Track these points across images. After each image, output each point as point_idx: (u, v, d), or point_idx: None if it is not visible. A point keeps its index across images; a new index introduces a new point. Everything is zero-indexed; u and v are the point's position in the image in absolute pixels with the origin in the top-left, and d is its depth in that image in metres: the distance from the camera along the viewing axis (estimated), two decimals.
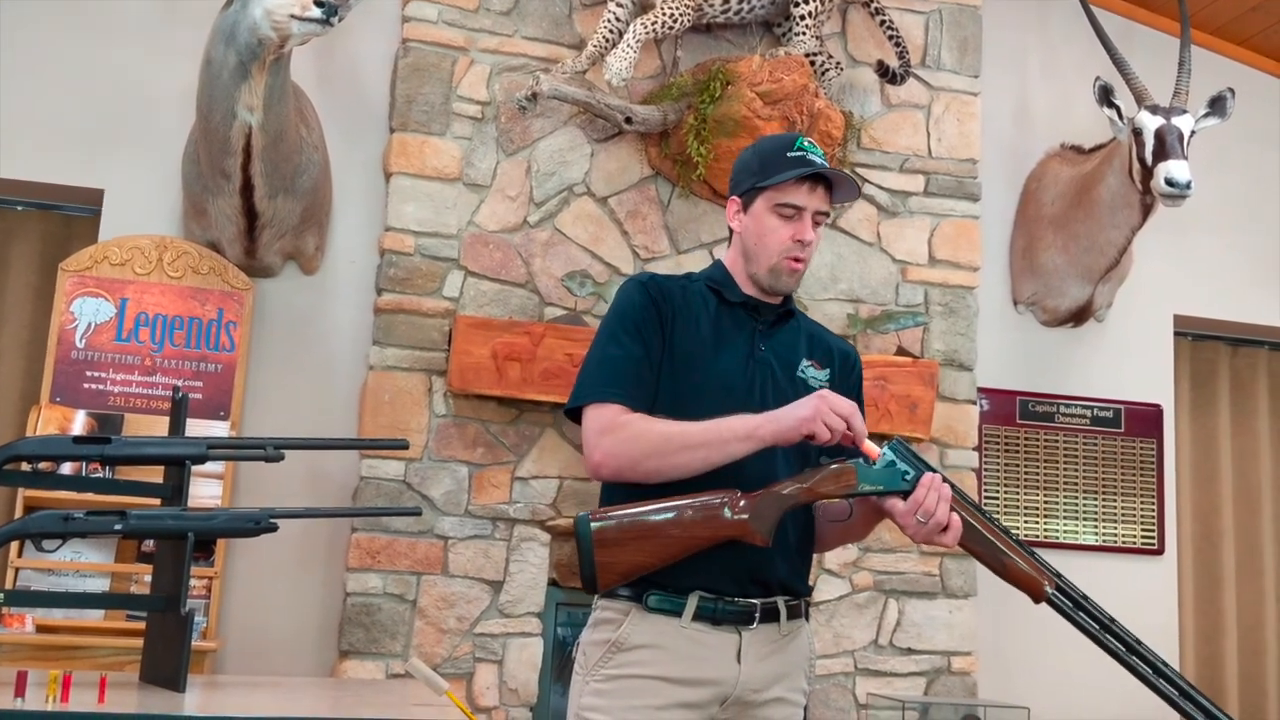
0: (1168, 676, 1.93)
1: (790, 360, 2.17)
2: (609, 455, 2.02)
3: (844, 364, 2.25)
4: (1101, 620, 1.97)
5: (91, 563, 3.72)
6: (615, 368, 2.08)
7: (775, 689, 2.08)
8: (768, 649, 2.07)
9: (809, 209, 2.12)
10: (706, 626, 2.02)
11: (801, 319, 2.27)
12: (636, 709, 1.99)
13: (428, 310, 4.08)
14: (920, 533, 1.98)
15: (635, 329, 2.09)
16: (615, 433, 2.02)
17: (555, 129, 4.27)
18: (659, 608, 2.02)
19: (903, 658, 4.31)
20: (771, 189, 2.12)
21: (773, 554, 2.05)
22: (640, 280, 2.17)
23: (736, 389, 2.10)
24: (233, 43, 3.52)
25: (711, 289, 2.18)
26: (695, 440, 1.98)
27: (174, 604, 2.36)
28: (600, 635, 2.06)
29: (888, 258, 4.53)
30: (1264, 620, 5.25)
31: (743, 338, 2.15)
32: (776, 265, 2.14)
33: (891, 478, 2.00)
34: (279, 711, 2.30)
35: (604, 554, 1.98)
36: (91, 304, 3.89)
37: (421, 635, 3.91)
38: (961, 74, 4.72)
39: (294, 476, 3.93)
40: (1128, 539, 4.92)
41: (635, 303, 2.12)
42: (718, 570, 2.02)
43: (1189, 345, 5.37)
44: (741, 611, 2.04)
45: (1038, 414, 4.89)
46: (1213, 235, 5.20)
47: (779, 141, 2.20)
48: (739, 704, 2.04)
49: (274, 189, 3.83)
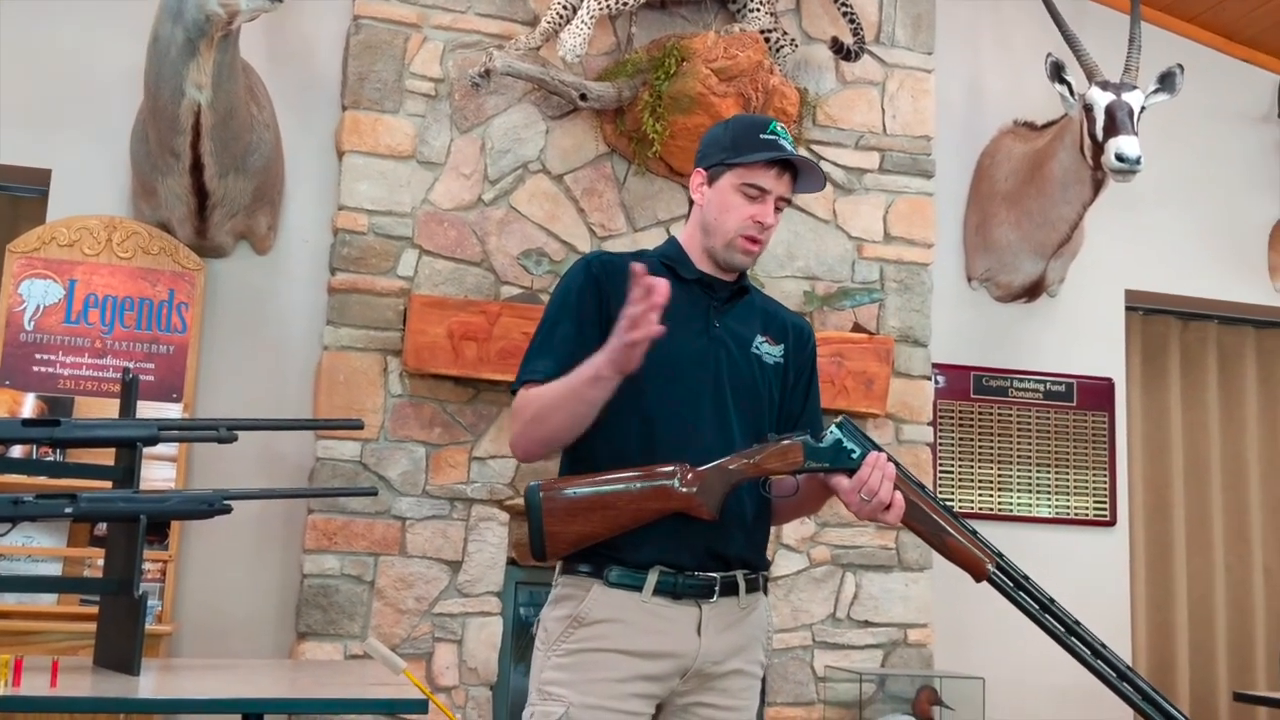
0: (1105, 658, 1.96)
1: (745, 337, 2.18)
2: (518, 437, 2.08)
3: (798, 339, 2.26)
4: (1041, 600, 2.00)
5: (43, 547, 3.68)
6: (542, 347, 2.11)
7: (734, 661, 2.10)
8: (727, 622, 2.09)
9: (773, 193, 2.14)
10: (667, 601, 2.04)
11: (756, 295, 2.28)
12: (598, 682, 2.00)
13: (382, 289, 4.05)
14: (864, 510, 2.02)
15: (572, 309, 2.11)
16: (519, 414, 2.07)
17: (509, 106, 4.25)
18: (620, 583, 2.03)
19: (860, 630, 4.35)
20: (741, 167, 2.13)
21: (731, 529, 2.08)
22: (587, 259, 2.17)
23: (690, 366, 2.11)
24: (180, 19, 3.46)
25: (666, 265, 2.17)
26: (559, 396, 2.00)
27: (127, 587, 2.34)
28: (561, 610, 2.07)
29: (843, 235, 4.55)
30: (1213, 590, 5.34)
31: (697, 315, 2.15)
32: (733, 241, 2.15)
33: (837, 455, 2.04)
34: (235, 694, 2.29)
35: (553, 523, 1.99)
36: (40, 285, 3.83)
37: (380, 616, 3.90)
38: (915, 51, 4.73)
39: (248, 458, 3.91)
40: (1080, 511, 4.98)
41: (576, 282, 2.14)
42: (677, 545, 2.04)
43: (1140, 320, 5.43)
44: (701, 585, 2.06)
45: (991, 389, 4.94)
46: (1163, 210, 5.26)
47: (753, 122, 2.20)
48: (699, 676, 2.06)
49: (224, 168, 3.79)
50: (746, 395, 2.15)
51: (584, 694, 1.99)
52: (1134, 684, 1.94)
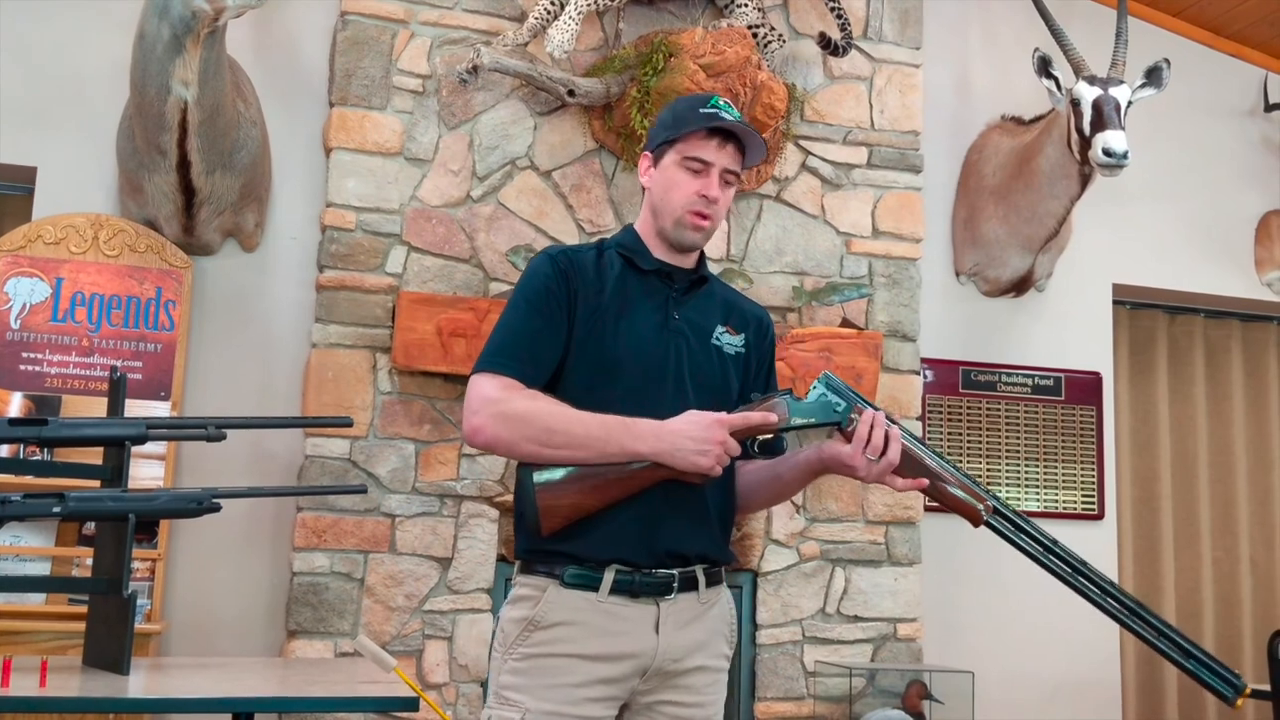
0: (1114, 596, 1.91)
1: (705, 328, 2.15)
2: (486, 425, 1.97)
3: (758, 329, 2.24)
4: (1043, 542, 1.95)
5: (31, 546, 3.67)
6: (513, 339, 2.05)
7: (696, 657, 2.06)
8: (686, 618, 2.05)
9: (717, 165, 2.10)
10: (624, 599, 2.00)
11: (715, 284, 2.25)
12: (555, 688, 1.96)
13: (370, 286, 4.04)
14: (872, 472, 1.97)
15: (540, 303, 2.06)
16: (500, 405, 1.98)
17: (497, 102, 4.24)
18: (576, 582, 1.99)
19: (850, 625, 4.36)
20: (680, 142, 2.10)
21: (692, 525, 2.04)
22: (550, 254, 2.13)
23: (651, 359, 2.07)
24: (166, 16, 3.45)
25: (623, 256, 2.15)
26: (578, 440, 1.95)
27: (116, 586, 2.34)
28: (518, 612, 2.03)
29: (832, 230, 4.55)
30: (1201, 583, 5.36)
31: (656, 306, 2.12)
32: (681, 219, 2.11)
33: (824, 409, 2.00)
34: (225, 693, 2.29)
35: (547, 497, 1.97)
36: (26, 284, 3.81)
37: (370, 613, 3.90)
38: (903, 46, 4.74)
39: (237, 456, 3.90)
40: (1069, 505, 5.00)
41: (541, 276, 2.09)
42: (635, 543, 2.00)
43: (1127, 313, 5.45)
44: (660, 583, 2.02)
45: (980, 383, 4.95)
46: (1150, 205, 5.28)
47: (694, 99, 2.17)
48: (660, 674, 2.02)
49: (211, 165, 3.77)
50: (707, 387, 2.11)
51: (540, 700, 1.96)
52: (1145, 620, 1.90)
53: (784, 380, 3.77)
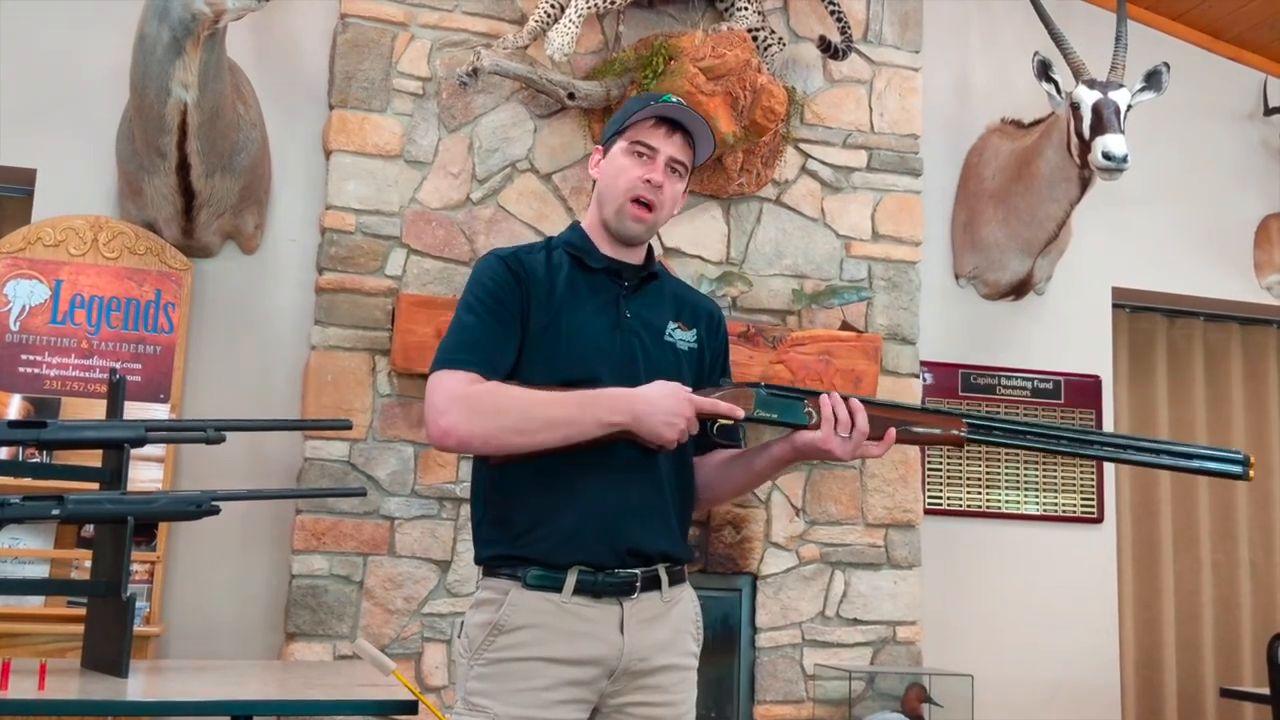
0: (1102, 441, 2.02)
1: (657, 325, 2.13)
2: (460, 424, 1.93)
3: (709, 323, 2.23)
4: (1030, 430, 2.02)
5: (30, 549, 3.67)
6: (468, 337, 2.01)
7: (663, 656, 2.05)
8: (650, 617, 2.04)
9: (663, 151, 2.09)
10: (587, 600, 1.99)
11: (666, 279, 2.23)
12: (522, 692, 1.95)
13: (370, 289, 4.04)
14: (848, 449, 1.98)
15: (492, 304, 2.03)
16: (468, 401, 1.94)
17: (497, 105, 4.24)
18: (538, 584, 1.98)
19: (849, 628, 4.36)
20: (629, 129, 2.10)
21: (652, 526, 2.03)
22: (500, 255, 2.10)
23: (605, 359, 2.05)
24: (166, 18, 3.45)
25: (571, 255, 2.13)
26: (556, 419, 1.94)
27: (115, 589, 2.33)
28: (481, 616, 2.01)
29: (831, 233, 4.55)
30: (1200, 586, 5.36)
31: (607, 305, 2.10)
32: (622, 207, 2.09)
33: (789, 409, 2.01)
34: (224, 695, 2.29)
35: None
36: (25, 286, 3.81)
37: (369, 616, 3.89)
38: (903, 49, 4.74)
39: (236, 459, 3.90)
40: (1068, 508, 5.00)
41: (494, 277, 2.06)
42: (596, 544, 1.99)
43: (1127, 317, 5.45)
44: (622, 583, 2.01)
45: (979, 386, 4.95)
46: (1150, 208, 5.28)
47: (647, 95, 2.18)
48: (627, 675, 2.01)
49: (211, 167, 3.77)
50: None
51: (508, 704, 1.94)
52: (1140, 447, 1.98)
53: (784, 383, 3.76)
